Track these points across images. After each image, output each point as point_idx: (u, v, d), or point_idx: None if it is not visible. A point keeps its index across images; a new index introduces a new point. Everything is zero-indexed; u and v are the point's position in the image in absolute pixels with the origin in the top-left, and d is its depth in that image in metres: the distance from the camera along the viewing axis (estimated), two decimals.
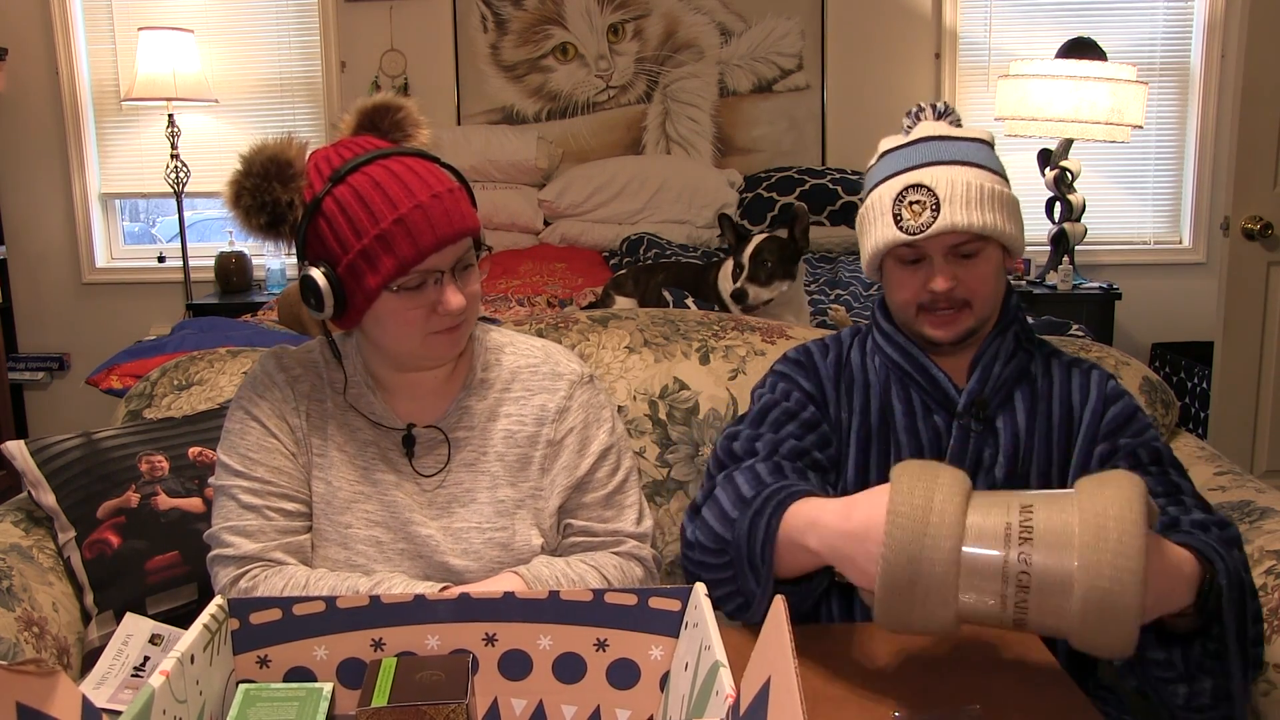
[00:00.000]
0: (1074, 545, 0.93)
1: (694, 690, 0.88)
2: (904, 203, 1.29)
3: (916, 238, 1.27)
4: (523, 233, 4.07)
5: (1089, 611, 0.93)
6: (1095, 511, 0.95)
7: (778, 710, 0.68)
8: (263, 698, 0.93)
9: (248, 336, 2.46)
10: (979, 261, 1.30)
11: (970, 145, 1.33)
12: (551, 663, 0.99)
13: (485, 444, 1.30)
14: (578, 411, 1.32)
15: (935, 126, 1.35)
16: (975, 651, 1.18)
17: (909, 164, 1.31)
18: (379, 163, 1.17)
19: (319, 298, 1.18)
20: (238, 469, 1.26)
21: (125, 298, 4.42)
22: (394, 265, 1.15)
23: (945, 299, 1.30)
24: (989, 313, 1.34)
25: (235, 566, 1.23)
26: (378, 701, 0.91)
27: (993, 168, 1.32)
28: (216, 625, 0.94)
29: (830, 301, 3.10)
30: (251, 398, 1.29)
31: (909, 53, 4.22)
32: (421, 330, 1.20)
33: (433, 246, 1.15)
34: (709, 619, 0.90)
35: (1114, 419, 1.33)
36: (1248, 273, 3.20)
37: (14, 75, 4.23)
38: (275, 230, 1.19)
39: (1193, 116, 4.18)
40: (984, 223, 1.27)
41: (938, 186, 1.27)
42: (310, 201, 1.18)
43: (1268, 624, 1.34)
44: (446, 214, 1.16)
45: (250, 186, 1.16)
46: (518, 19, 4.28)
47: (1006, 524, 0.96)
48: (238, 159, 1.18)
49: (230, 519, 1.24)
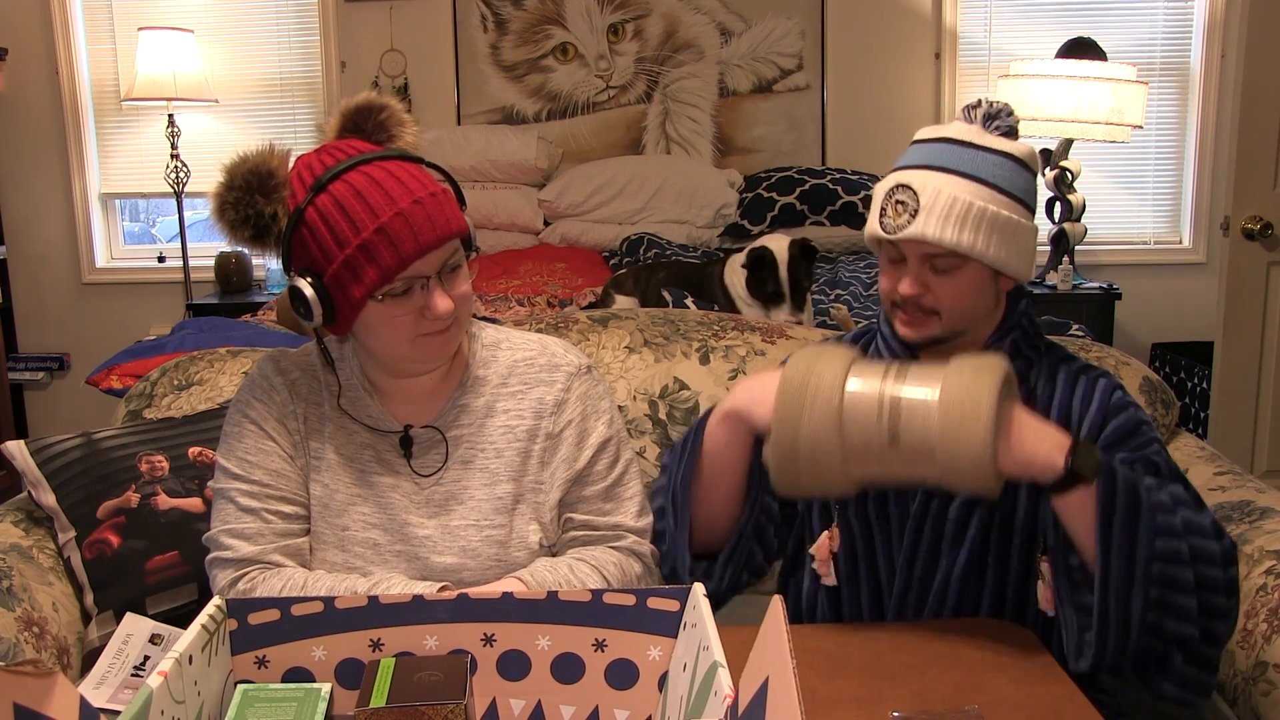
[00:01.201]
0: (939, 378, 1.13)
1: (692, 690, 0.88)
2: (891, 199, 1.29)
3: (890, 237, 1.28)
4: (523, 233, 4.07)
5: (948, 424, 1.09)
6: (959, 361, 1.15)
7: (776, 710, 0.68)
8: (261, 698, 0.93)
9: (248, 336, 2.46)
10: (954, 277, 1.28)
11: (990, 158, 1.29)
12: (550, 663, 0.99)
13: (482, 440, 1.30)
14: (575, 404, 1.32)
15: (965, 130, 1.32)
16: (975, 651, 1.18)
17: (915, 161, 1.31)
18: (360, 169, 1.16)
19: (307, 307, 1.18)
20: (236, 472, 1.26)
21: (125, 298, 4.42)
22: (377, 275, 1.14)
23: (910, 303, 1.30)
24: (963, 325, 1.32)
25: (234, 569, 1.23)
26: (376, 702, 0.91)
27: (1002, 186, 1.27)
28: (215, 625, 0.94)
29: (831, 301, 3.10)
30: (250, 401, 1.29)
31: (909, 53, 4.22)
32: (411, 334, 1.20)
33: (414, 254, 1.14)
34: (708, 619, 0.90)
35: (1114, 432, 1.29)
36: (1248, 273, 3.20)
37: (14, 75, 4.23)
38: (262, 242, 1.19)
39: (1193, 116, 4.18)
40: (957, 240, 1.24)
41: (922, 192, 1.26)
42: (293, 212, 1.17)
43: (1268, 624, 1.34)
44: (429, 219, 1.15)
45: (233, 200, 1.16)
46: (518, 19, 4.28)
47: (885, 369, 1.16)
48: (220, 170, 1.18)
49: (229, 522, 1.24)
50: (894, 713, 1.04)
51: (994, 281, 1.31)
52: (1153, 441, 1.30)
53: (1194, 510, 1.19)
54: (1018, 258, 1.29)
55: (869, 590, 1.37)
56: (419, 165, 1.20)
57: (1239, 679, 1.36)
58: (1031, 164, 1.32)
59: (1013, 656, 1.16)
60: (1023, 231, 1.29)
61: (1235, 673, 1.37)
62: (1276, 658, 1.31)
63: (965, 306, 1.30)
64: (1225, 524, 1.54)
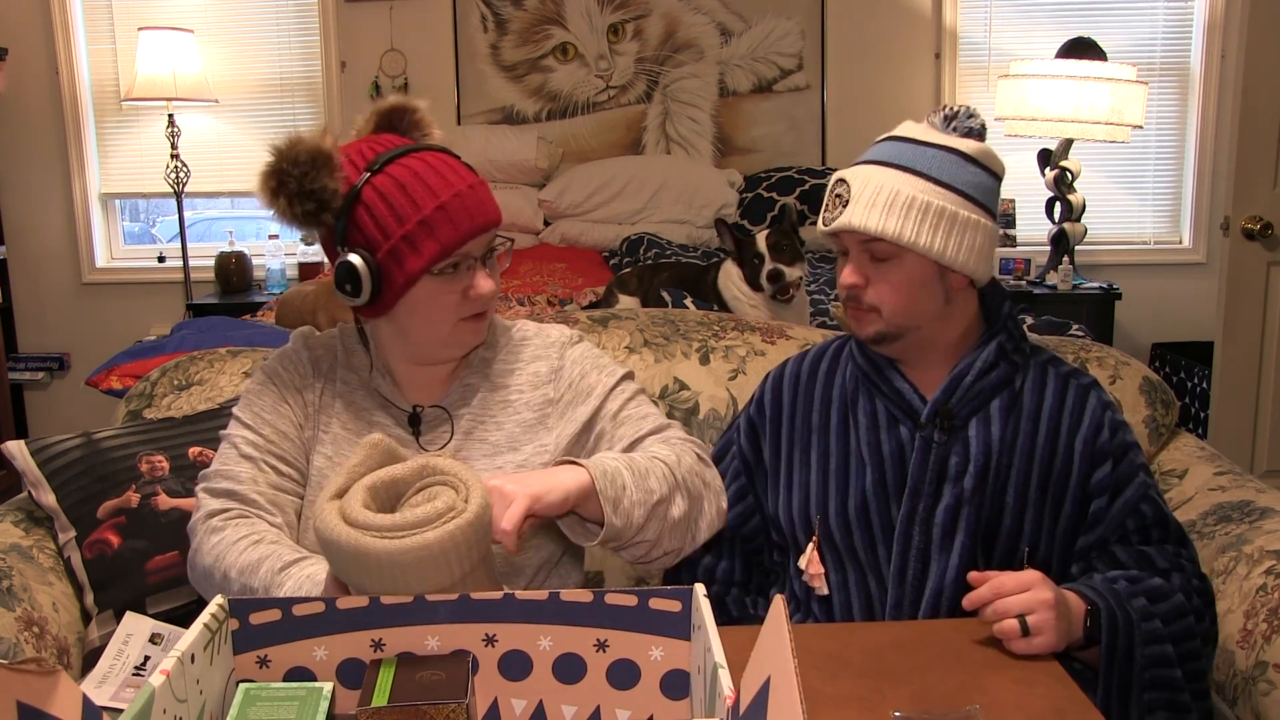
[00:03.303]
0: None
1: (706, 694, 0.88)
2: (832, 194, 1.33)
3: (825, 229, 1.34)
4: (523, 233, 4.07)
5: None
6: None
7: (777, 710, 0.68)
8: (263, 697, 0.93)
9: (248, 336, 2.46)
10: (891, 268, 1.29)
11: (930, 151, 1.29)
12: (551, 663, 0.99)
13: (484, 415, 1.34)
14: (572, 366, 1.37)
15: (912, 128, 1.34)
16: (975, 651, 1.18)
17: (858, 159, 1.35)
18: (413, 155, 1.25)
19: (355, 283, 1.22)
20: (246, 422, 1.32)
21: (125, 298, 4.42)
22: (437, 249, 1.21)
23: (852, 298, 1.33)
24: (908, 322, 1.32)
25: (217, 501, 1.27)
26: (378, 701, 0.91)
27: (940, 179, 1.28)
28: (217, 625, 0.94)
29: (830, 301, 3.10)
30: (275, 368, 1.36)
31: (909, 53, 4.22)
32: (454, 315, 1.26)
33: (471, 232, 1.23)
34: (709, 621, 0.90)
35: (1101, 453, 1.32)
36: (1248, 273, 3.20)
37: (14, 75, 4.23)
38: (315, 219, 1.23)
39: (1193, 116, 4.18)
40: (882, 227, 1.26)
41: (853, 184, 1.30)
42: (349, 190, 1.22)
43: (1268, 624, 1.34)
44: (480, 203, 1.25)
45: (296, 175, 1.20)
46: (518, 19, 4.28)
47: None
48: (270, 150, 1.22)
49: (227, 464, 1.30)
50: (895, 712, 1.04)
51: (940, 278, 1.31)
52: (1139, 471, 1.33)
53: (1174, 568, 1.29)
54: (965, 253, 1.29)
55: (860, 598, 1.37)
56: (458, 160, 1.29)
57: (1239, 679, 1.36)
58: (984, 161, 1.31)
59: (1013, 657, 1.16)
60: (970, 226, 1.29)
61: (1235, 673, 1.37)
62: (1276, 658, 1.31)
63: (905, 301, 1.31)
64: (1225, 524, 1.55)
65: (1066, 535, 1.33)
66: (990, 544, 1.33)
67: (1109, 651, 1.20)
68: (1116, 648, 1.21)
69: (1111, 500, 1.32)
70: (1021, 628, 1.14)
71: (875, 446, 1.36)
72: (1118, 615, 1.21)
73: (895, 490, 1.34)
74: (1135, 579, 1.27)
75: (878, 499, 1.35)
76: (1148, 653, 1.22)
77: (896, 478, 1.34)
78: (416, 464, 1.06)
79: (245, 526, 1.24)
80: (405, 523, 0.97)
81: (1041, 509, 1.32)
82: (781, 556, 1.47)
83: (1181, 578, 1.29)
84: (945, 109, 1.34)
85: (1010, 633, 1.15)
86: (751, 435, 1.48)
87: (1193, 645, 1.26)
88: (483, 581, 1.04)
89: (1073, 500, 1.32)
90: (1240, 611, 1.39)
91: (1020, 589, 1.16)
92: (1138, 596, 1.24)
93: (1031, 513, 1.32)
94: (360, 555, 0.96)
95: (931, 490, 1.32)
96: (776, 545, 1.47)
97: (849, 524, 1.36)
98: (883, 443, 1.35)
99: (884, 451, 1.35)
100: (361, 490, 1.02)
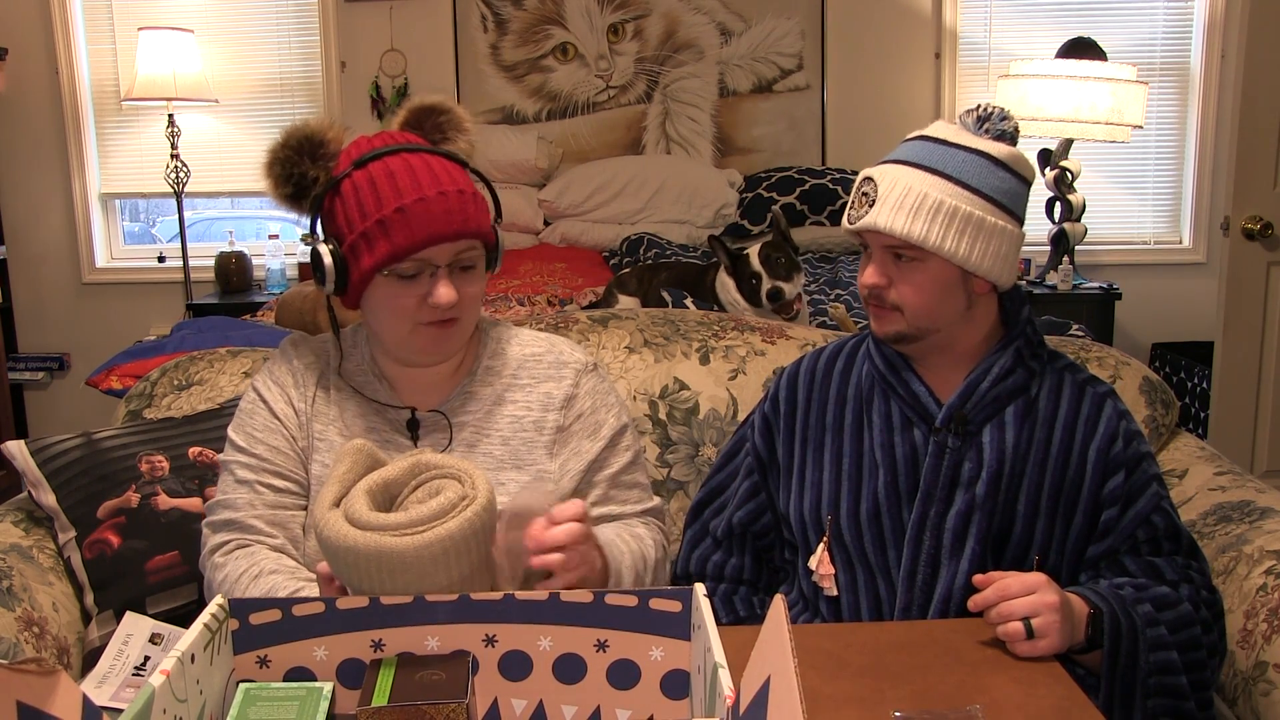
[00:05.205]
0: None
1: (706, 694, 0.88)
2: (858, 192, 1.32)
3: (851, 227, 1.33)
4: (523, 233, 4.07)
5: None
6: None
7: (778, 710, 0.68)
8: (263, 697, 0.93)
9: (247, 336, 2.46)
10: (914, 269, 1.29)
11: (960, 154, 1.28)
12: (552, 663, 0.99)
13: (489, 427, 1.33)
14: (585, 398, 1.36)
15: (944, 128, 1.32)
16: (976, 651, 1.18)
17: (888, 157, 1.33)
18: (402, 155, 1.24)
19: (323, 271, 1.25)
20: (240, 445, 1.33)
21: (125, 298, 4.42)
22: (387, 251, 1.20)
23: (875, 296, 1.32)
24: (929, 324, 1.31)
25: (217, 536, 1.29)
26: (378, 701, 0.91)
27: (969, 183, 1.27)
28: (217, 625, 0.94)
29: (830, 300, 3.10)
30: (265, 381, 1.36)
31: (909, 53, 4.22)
32: (411, 320, 1.25)
33: (426, 241, 1.21)
34: (708, 621, 0.90)
35: (1115, 461, 1.31)
36: (1248, 273, 3.20)
37: (14, 75, 4.23)
38: (298, 202, 1.26)
39: (1193, 116, 4.18)
40: (908, 230, 1.25)
41: (880, 184, 1.29)
42: (329, 180, 1.24)
43: (1268, 624, 1.34)
44: (448, 212, 1.21)
45: (283, 158, 1.24)
46: (518, 19, 4.28)
47: None
48: (279, 132, 1.26)
49: (226, 492, 1.31)
50: (895, 712, 1.04)
51: (963, 282, 1.30)
52: (1152, 481, 1.33)
53: (1184, 579, 1.29)
54: (990, 259, 1.28)
55: (868, 600, 1.37)
56: (460, 166, 1.28)
57: (1239, 679, 1.36)
58: (1014, 165, 1.30)
59: (1014, 657, 1.16)
60: (995, 232, 1.28)
61: (1235, 673, 1.37)
62: (1276, 658, 1.31)
63: (927, 304, 1.30)
64: (1225, 524, 1.55)
65: (1077, 544, 1.33)
66: (1000, 551, 1.32)
67: (1111, 656, 1.20)
68: (1119, 652, 1.20)
69: (1123, 510, 1.31)
70: (1026, 630, 1.14)
71: (889, 449, 1.35)
72: (1120, 619, 1.21)
73: (907, 494, 1.34)
74: (1141, 586, 1.27)
75: (890, 502, 1.34)
76: (1152, 659, 1.22)
77: (909, 481, 1.34)
78: (408, 463, 1.07)
79: (245, 560, 1.25)
80: (421, 518, 0.98)
81: (1053, 517, 1.32)
82: (791, 555, 1.47)
83: (1190, 589, 1.28)
84: (979, 109, 1.31)
85: (1015, 635, 1.15)
86: (765, 431, 1.47)
87: (1199, 655, 1.25)
88: (486, 572, 1.05)
89: (1084, 509, 1.32)
90: (1240, 611, 1.39)
91: (1025, 591, 1.16)
92: (1143, 603, 1.24)
93: (1043, 521, 1.32)
94: (382, 556, 0.96)
95: (944, 495, 1.32)
96: (787, 543, 1.47)
97: (860, 526, 1.36)
98: (896, 445, 1.35)
99: (897, 454, 1.35)
100: (361, 494, 1.02)
